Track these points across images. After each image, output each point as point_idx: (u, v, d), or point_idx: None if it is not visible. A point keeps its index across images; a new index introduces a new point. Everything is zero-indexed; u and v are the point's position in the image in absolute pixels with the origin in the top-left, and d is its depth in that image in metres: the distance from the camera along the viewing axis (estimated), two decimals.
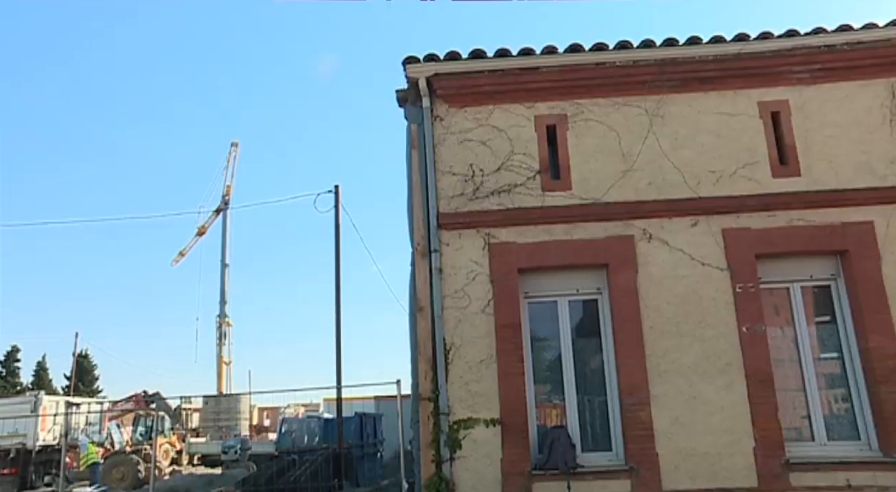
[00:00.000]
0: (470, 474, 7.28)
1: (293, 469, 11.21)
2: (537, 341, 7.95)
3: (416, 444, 7.67)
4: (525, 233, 7.82)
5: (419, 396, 7.57)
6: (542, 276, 7.91)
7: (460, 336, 7.58)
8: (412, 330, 7.80)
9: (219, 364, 47.07)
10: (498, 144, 8.07)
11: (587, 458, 7.36)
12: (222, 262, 49.62)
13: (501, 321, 7.57)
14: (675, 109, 7.99)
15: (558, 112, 8.11)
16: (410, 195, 8.13)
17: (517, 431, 7.30)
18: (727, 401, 7.21)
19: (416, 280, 7.84)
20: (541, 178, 7.93)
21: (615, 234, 7.71)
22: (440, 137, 8.15)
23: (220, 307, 48.58)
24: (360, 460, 17.62)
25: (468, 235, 7.85)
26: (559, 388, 7.78)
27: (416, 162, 8.14)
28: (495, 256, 7.76)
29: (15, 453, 19.27)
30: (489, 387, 7.43)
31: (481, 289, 7.68)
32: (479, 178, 8.00)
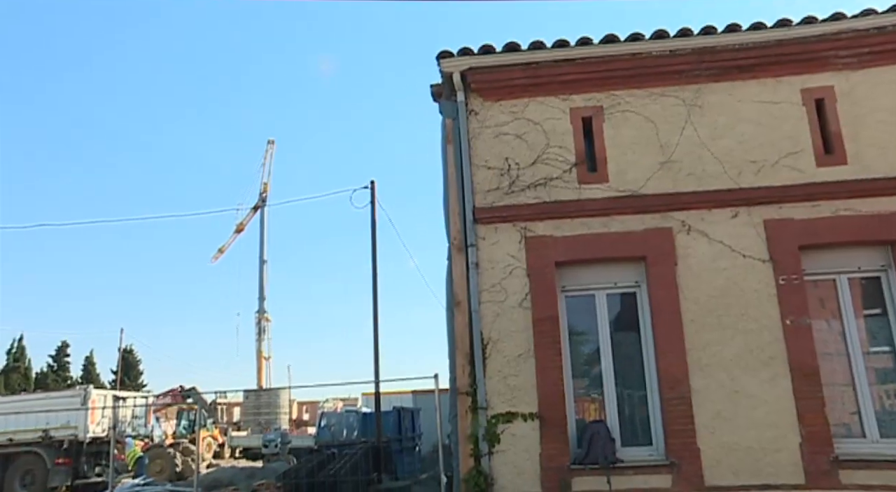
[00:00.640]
0: (509, 468, 7.27)
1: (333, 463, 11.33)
2: (575, 335, 7.89)
3: (454, 438, 7.70)
4: (562, 226, 7.77)
5: (457, 390, 7.59)
6: (579, 269, 7.85)
7: (498, 330, 7.57)
8: (449, 325, 7.82)
9: (258, 359, 47.92)
10: (533, 138, 8.03)
11: (627, 452, 7.30)
12: (260, 258, 50.48)
13: (539, 315, 7.53)
14: (713, 99, 7.84)
15: (594, 104, 8.02)
16: (446, 190, 8.14)
17: (556, 425, 7.27)
18: (771, 395, 7.07)
19: (453, 275, 7.85)
20: (577, 170, 7.87)
21: (653, 226, 7.61)
22: (475, 131, 8.14)
23: (258, 303, 49.46)
24: (398, 454, 17.75)
25: (504, 229, 7.83)
26: (597, 382, 7.72)
27: (452, 156, 8.14)
28: (532, 249, 7.72)
29: (68, 444, 19.90)
30: (527, 381, 7.41)
31: (518, 283, 7.66)
32: (514, 171, 7.97)
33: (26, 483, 19.74)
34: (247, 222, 52.63)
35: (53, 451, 19.92)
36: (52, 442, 19.96)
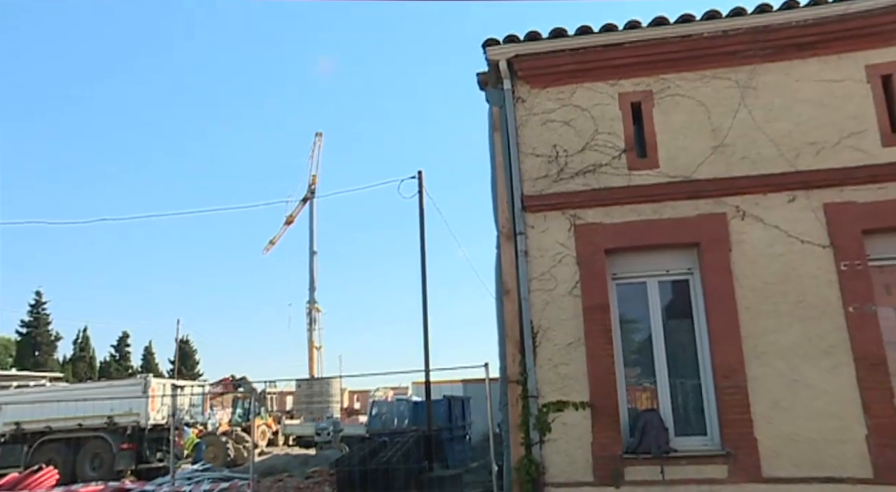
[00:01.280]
0: (560, 456, 7.25)
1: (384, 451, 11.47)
2: (626, 323, 7.80)
3: (504, 427, 7.71)
4: (611, 213, 7.67)
5: (507, 379, 7.59)
6: (629, 256, 7.74)
7: (548, 319, 7.53)
8: (499, 313, 7.82)
9: (310, 349, 48.75)
10: (581, 124, 7.93)
11: (680, 442, 7.19)
12: (310, 249, 51.22)
13: (589, 303, 7.47)
14: (769, 79, 7.60)
15: (643, 88, 7.87)
16: (494, 178, 8.12)
17: (607, 414, 7.21)
18: (832, 385, 6.85)
19: (502, 263, 7.83)
20: (627, 156, 7.74)
21: (706, 212, 7.44)
22: (522, 118, 8.08)
23: (309, 294, 50.25)
24: (448, 443, 17.84)
25: (553, 216, 7.77)
26: (649, 370, 7.62)
27: (499, 145, 8.11)
28: (581, 237, 7.65)
29: (131, 430, 20.66)
30: (578, 370, 7.36)
31: (568, 271, 7.60)
32: (563, 159, 7.90)
33: (95, 466, 20.58)
34: (296, 214, 53.52)
35: (118, 436, 20.71)
36: (116, 428, 20.76)
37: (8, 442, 21.37)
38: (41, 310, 62.70)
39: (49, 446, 21.01)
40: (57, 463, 17.93)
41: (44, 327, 62.20)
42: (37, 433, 21.23)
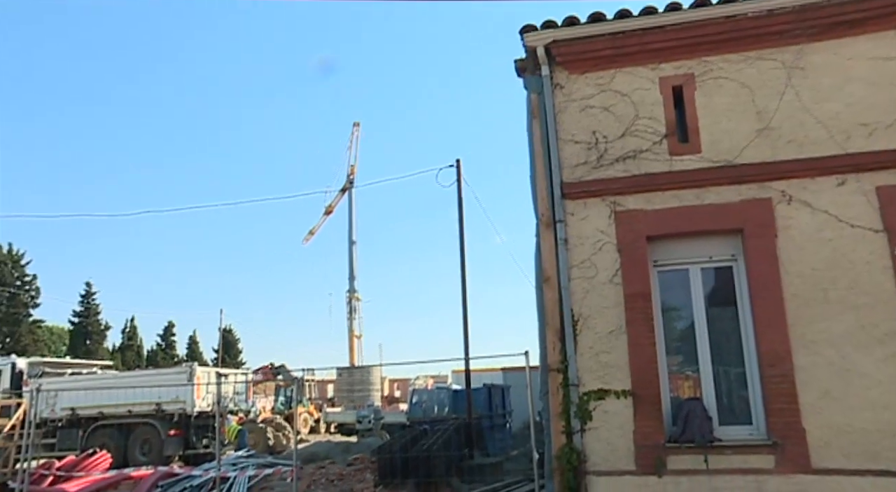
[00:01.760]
0: (602, 445, 7.21)
1: (425, 438, 11.55)
2: (668, 311, 7.69)
3: (545, 415, 7.69)
4: (652, 199, 7.55)
5: (548, 367, 7.56)
6: (671, 243, 7.62)
7: (588, 307, 7.47)
8: (539, 301, 7.78)
9: (350, 337, 49.31)
10: (621, 109, 7.82)
11: (725, 431, 7.08)
12: (349, 239, 51.70)
13: (630, 291, 7.38)
14: (817, 59, 7.36)
15: (685, 72, 7.71)
16: (533, 166, 8.07)
17: (650, 402, 7.13)
18: (887, 374, 6.63)
19: (542, 251, 7.79)
20: (668, 142, 7.61)
21: (750, 197, 7.27)
22: (561, 105, 8.00)
23: (349, 283, 50.76)
24: (489, 431, 17.89)
25: (593, 203, 7.69)
26: (692, 359, 7.51)
27: (538, 132, 8.04)
28: (622, 224, 7.55)
29: (178, 417, 21.25)
30: (620, 358, 7.29)
31: (608, 258, 7.52)
32: (602, 145, 7.80)
33: (145, 451, 21.24)
34: (335, 204, 54.02)
35: (166, 423, 21.32)
36: (164, 415, 21.36)
37: (65, 427, 22.19)
38: (91, 300, 64.67)
39: (102, 431, 21.75)
40: (109, 447, 18.55)
41: (94, 317, 64.16)
42: (90, 419, 21.99)
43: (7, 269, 57.39)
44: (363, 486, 11.13)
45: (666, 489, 6.90)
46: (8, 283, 56.62)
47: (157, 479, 11.60)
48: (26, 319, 57.78)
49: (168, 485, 11.24)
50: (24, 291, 58.02)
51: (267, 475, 11.92)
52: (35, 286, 59.39)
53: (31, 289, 59.08)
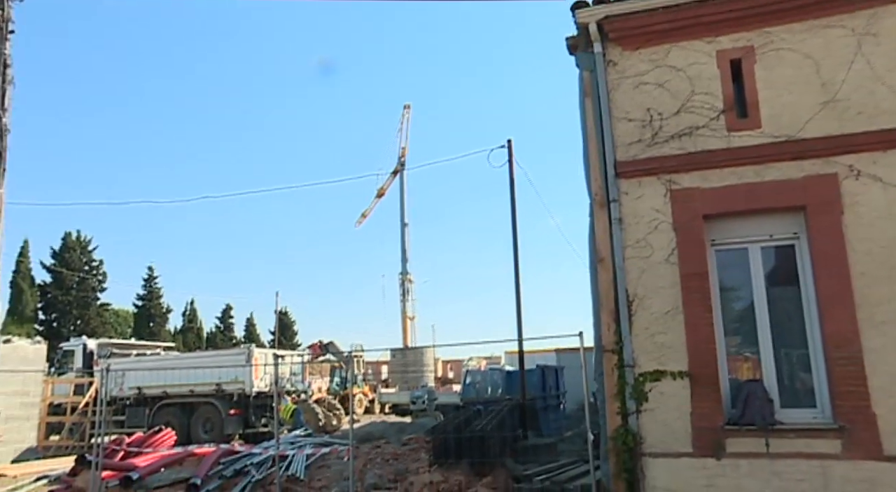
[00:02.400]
0: (658, 426, 7.13)
1: (479, 419, 11.62)
2: (726, 291, 7.52)
3: (600, 396, 7.65)
4: (709, 177, 7.36)
5: (602, 348, 7.50)
6: (729, 222, 7.42)
7: (644, 287, 7.36)
8: (593, 282, 7.70)
9: (403, 319, 49.81)
10: (676, 85, 7.62)
11: (787, 414, 6.90)
12: (401, 221, 52.01)
13: (687, 270, 7.24)
14: (892, 23, 6.98)
15: (744, 44, 7.45)
16: (586, 145, 7.95)
17: (707, 384, 7.00)
18: None
19: (596, 231, 7.70)
20: (725, 117, 7.39)
21: (814, 172, 7.00)
22: (614, 82, 7.85)
23: (401, 265, 51.18)
24: (542, 412, 17.87)
25: (648, 182, 7.54)
26: (751, 340, 7.33)
27: (591, 110, 7.91)
28: (678, 202, 7.39)
29: (237, 396, 21.90)
30: (676, 339, 7.17)
31: (664, 238, 7.38)
32: (657, 122, 7.63)
33: (207, 429, 21.98)
34: (387, 187, 54.40)
35: (226, 402, 21.98)
36: (224, 395, 22.03)
37: (132, 405, 23.16)
38: (153, 284, 66.88)
39: (166, 410, 22.60)
40: (174, 425, 19.23)
41: (156, 300, 66.39)
42: (156, 398, 22.88)
43: (76, 255, 59.80)
44: (418, 465, 11.27)
45: (725, 472, 6.79)
46: (77, 268, 59.04)
47: (220, 456, 11.99)
48: (94, 303, 60.16)
49: (230, 462, 11.60)
50: (92, 276, 60.37)
51: (324, 454, 12.18)
52: (102, 271, 61.72)
53: (98, 274, 61.43)
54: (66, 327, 55.39)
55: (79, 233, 60.79)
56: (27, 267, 57.48)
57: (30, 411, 18.46)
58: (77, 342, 28.07)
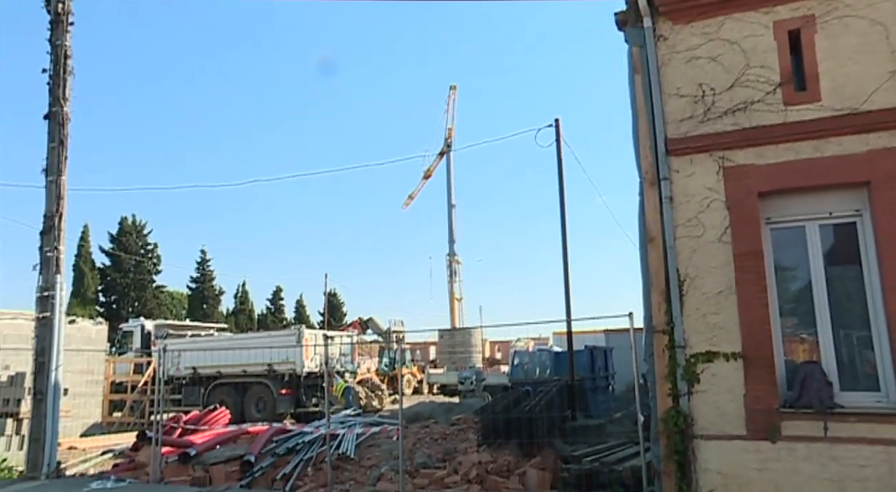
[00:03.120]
0: (710, 408, 7.01)
1: (527, 400, 11.62)
2: (781, 271, 7.30)
3: (650, 377, 7.55)
4: (764, 153, 7.13)
5: (653, 328, 7.39)
6: (785, 199, 7.19)
7: (695, 266, 7.21)
8: (643, 262, 7.58)
9: (451, 300, 49.98)
10: (730, 59, 7.38)
11: (847, 397, 6.68)
12: (448, 202, 52.02)
13: (740, 249, 7.05)
14: None
15: (803, 13, 7.15)
16: (635, 122, 7.78)
17: (762, 365, 6.83)
18: None
19: (646, 210, 7.56)
20: (782, 91, 7.12)
21: (880, 146, 6.70)
22: (665, 57, 7.64)
23: (449, 246, 51.27)
24: (591, 393, 17.79)
25: (700, 159, 7.35)
26: (808, 321, 7.11)
27: (640, 87, 7.73)
28: (731, 180, 7.19)
29: (288, 377, 22.39)
30: (729, 319, 7.01)
31: (717, 216, 7.20)
32: (709, 98, 7.41)
33: (260, 408, 22.56)
34: (434, 168, 54.43)
35: (278, 382, 22.50)
36: (275, 375, 22.54)
37: (188, 384, 23.92)
38: (206, 267, 68.67)
39: (220, 389, 23.27)
40: (228, 404, 19.79)
41: (209, 283, 68.18)
42: (210, 377, 23.56)
43: (132, 238, 61.75)
44: (466, 445, 11.35)
45: (780, 456, 6.64)
46: (133, 251, 60.98)
47: (272, 434, 12.29)
48: (150, 285, 62.14)
49: (282, 440, 11.88)
50: (147, 259, 62.30)
51: (374, 433, 12.37)
52: (157, 254, 63.66)
53: (153, 257, 63.36)
54: (125, 309, 57.43)
55: (134, 217, 62.72)
56: (88, 251, 59.65)
57: (94, 389, 19.26)
58: (135, 323, 29.09)
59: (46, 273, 11.63)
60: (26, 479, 11.23)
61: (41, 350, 11.52)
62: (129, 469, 11.68)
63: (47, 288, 11.57)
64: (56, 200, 11.75)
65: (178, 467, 11.16)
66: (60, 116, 11.86)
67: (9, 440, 13.41)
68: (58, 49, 11.91)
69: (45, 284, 11.59)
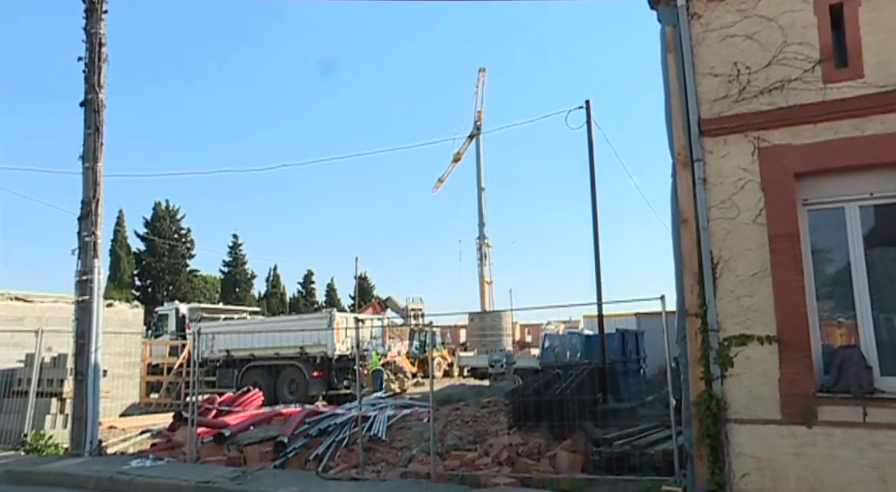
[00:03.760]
0: (743, 392, 6.93)
1: (557, 383, 11.60)
2: (818, 253, 7.14)
3: (682, 361, 7.48)
4: (802, 133, 6.96)
5: (685, 311, 7.31)
6: (824, 180, 7.02)
7: (729, 249, 7.10)
8: (675, 244, 7.49)
9: (481, 283, 50.02)
10: (767, 36, 7.19)
11: (887, 382, 6.53)
12: (478, 185, 51.92)
13: (776, 231, 6.92)
14: None
15: None
16: (668, 103, 7.65)
17: (797, 349, 6.72)
18: None
19: (678, 192, 7.45)
20: (822, 68, 6.93)
21: None
22: (699, 36, 7.48)
23: (479, 229, 51.22)
24: (622, 376, 17.70)
25: (734, 140, 7.21)
26: (846, 304, 6.96)
27: (673, 66, 7.59)
28: (767, 160, 7.04)
29: (320, 359, 22.66)
30: (763, 302, 6.90)
31: (751, 197, 7.07)
32: (744, 77, 7.25)
33: (292, 391, 22.92)
34: (463, 151, 54.28)
35: (310, 365, 22.80)
36: (307, 357, 22.84)
37: (222, 366, 24.36)
38: (238, 251, 69.64)
39: (254, 371, 23.65)
40: (261, 386, 20.11)
41: (241, 267, 69.16)
42: (243, 360, 23.96)
43: (166, 223, 62.82)
44: (497, 428, 11.40)
45: (816, 441, 6.54)
46: (167, 236, 62.05)
47: (305, 416, 12.47)
48: (184, 269, 63.27)
49: (314, 422, 12.05)
50: (181, 244, 63.36)
51: (405, 416, 12.48)
52: (190, 239, 64.70)
53: (187, 241, 64.43)
54: (160, 293, 58.60)
55: (167, 202, 63.72)
56: (123, 236, 60.91)
57: (132, 371, 19.73)
58: (170, 307, 29.68)
59: (84, 257, 11.90)
60: (71, 456, 11.63)
61: (81, 332, 11.83)
62: (166, 449, 11.97)
63: (86, 272, 11.85)
64: (93, 186, 11.99)
65: (213, 448, 11.40)
66: (96, 103, 12.06)
67: (54, 419, 13.85)
68: (92, 37, 12.09)
69: (83, 269, 11.87)
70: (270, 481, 9.12)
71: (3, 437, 13.57)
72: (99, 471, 10.11)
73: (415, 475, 9.21)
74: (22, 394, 13.97)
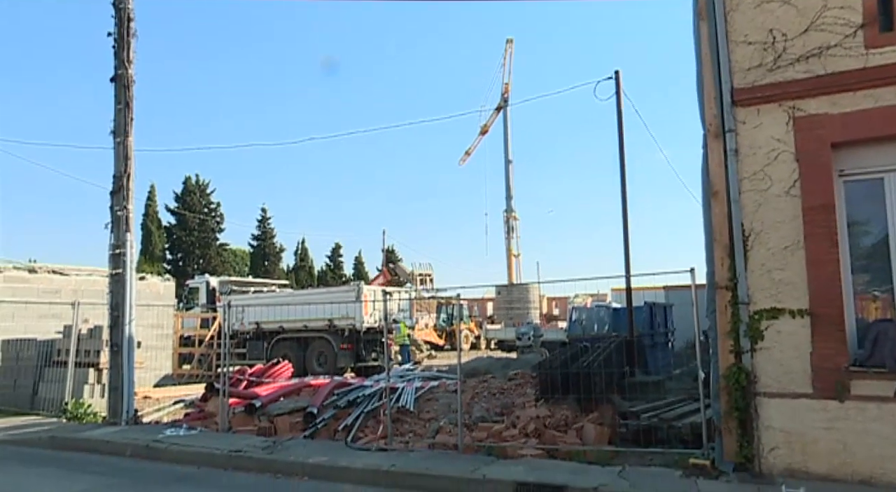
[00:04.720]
0: (773, 366, 6.86)
1: (585, 355, 11.57)
2: (854, 225, 7.00)
3: (711, 334, 7.42)
4: (840, 102, 6.77)
5: (715, 284, 7.23)
6: (863, 149, 6.85)
7: (760, 221, 6.98)
8: (706, 216, 7.37)
9: (508, 256, 49.87)
10: (805, 1, 6.99)
11: None
12: (506, 158, 51.43)
13: (810, 203, 6.78)
14: None
15: None
16: (700, 72, 7.48)
17: (830, 323, 6.62)
18: None
19: (710, 163, 7.31)
20: (864, 33, 6.71)
21: None
22: (732, 3, 7.30)
23: (506, 202, 50.91)
24: (650, 349, 17.60)
25: (768, 109, 7.04)
26: (883, 277, 6.83)
27: (706, 34, 7.41)
28: (802, 130, 6.87)
29: (348, 332, 22.88)
30: (796, 275, 6.80)
31: (785, 169, 6.92)
32: (780, 44, 7.06)
33: (321, 362, 23.20)
34: (491, 124, 53.75)
35: (338, 337, 23.03)
36: (336, 330, 23.06)
37: (252, 338, 24.74)
38: (267, 225, 70.25)
39: (283, 344, 23.99)
40: (290, 358, 20.39)
41: (270, 240, 69.82)
42: (273, 332, 24.30)
43: (196, 197, 63.54)
44: (524, 400, 11.43)
45: (848, 415, 6.47)
46: (197, 210, 62.82)
47: (334, 387, 12.62)
48: (214, 243, 64.09)
49: (343, 393, 12.19)
50: (211, 218, 64.13)
51: (432, 387, 12.57)
52: (220, 212, 65.43)
53: (217, 215, 65.17)
54: (191, 266, 59.52)
55: (197, 177, 64.38)
56: (154, 210, 61.78)
57: (164, 342, 20.14)
58: (201, 280, 30.12)
59: (117, 231, 12.11)
60: (109, 424, 11.98)
61: (115, 305, 12.09)
62: (199, 418, 12.24)
63: (118, 246, 12.06)
64: (124, 160, 12.14)
65: (244, 418, 11.63)
66: (126, 79, 12.16)
67: (92, 388, 14.23)
68: (121, 12, 12.14)
69: (116, 242, 12.09)
70: (300, 451, 9.29)
71: (46, 404, 14.04)
72: (135, 439, 10.40)
73: (442, 446, 9.30)
74: (62, 364, 14.38)
